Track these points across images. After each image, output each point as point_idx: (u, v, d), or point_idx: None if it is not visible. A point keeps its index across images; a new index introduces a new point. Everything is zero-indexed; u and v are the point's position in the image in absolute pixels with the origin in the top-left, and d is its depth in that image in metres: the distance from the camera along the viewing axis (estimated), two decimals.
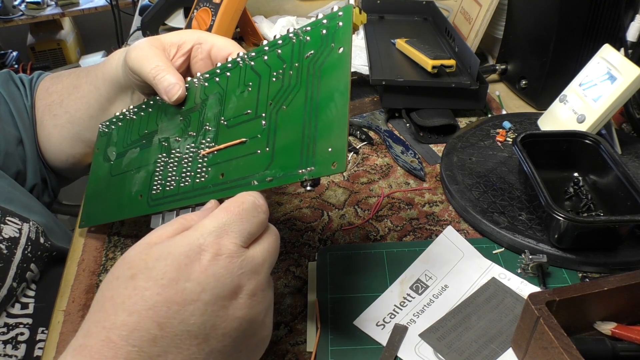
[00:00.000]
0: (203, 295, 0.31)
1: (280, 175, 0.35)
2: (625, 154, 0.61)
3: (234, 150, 0.39)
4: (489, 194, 0.55)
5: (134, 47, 0.48)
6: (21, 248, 0.51)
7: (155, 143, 0.47)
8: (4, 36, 2.61)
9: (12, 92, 0.62)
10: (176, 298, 0.30)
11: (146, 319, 0.30)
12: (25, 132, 0.61)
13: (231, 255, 0.32)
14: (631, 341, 0.39)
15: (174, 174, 0.43)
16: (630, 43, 0.64)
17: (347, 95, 0.32)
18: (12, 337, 0.49)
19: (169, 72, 0.45)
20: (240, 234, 0.33)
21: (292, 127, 0.35)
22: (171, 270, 0.31)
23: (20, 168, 0.61)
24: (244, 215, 0.33)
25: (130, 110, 0.52)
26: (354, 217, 0.56)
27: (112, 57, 0.55)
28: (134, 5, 2.23)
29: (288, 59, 0.37)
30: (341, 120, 0.32)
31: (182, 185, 0.42)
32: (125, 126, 0.52)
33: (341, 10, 0.34)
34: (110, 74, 0.54)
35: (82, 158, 0.63)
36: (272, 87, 0.37)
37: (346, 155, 0.32)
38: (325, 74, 0.34)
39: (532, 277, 0.47)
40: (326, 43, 0.35)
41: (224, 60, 0.46)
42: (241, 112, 0.39)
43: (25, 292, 0.52)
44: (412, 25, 0.92)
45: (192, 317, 0.31)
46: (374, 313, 0.44)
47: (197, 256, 0.31)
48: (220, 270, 0.31)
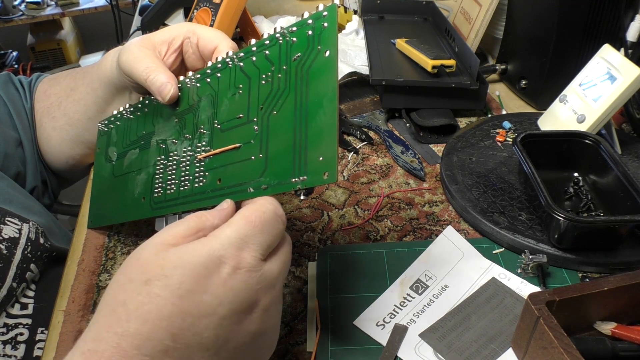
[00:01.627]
0: (220, 309, 0.31)
1: (275, 183, 0.35)
2: (625, 154, 0.61)
3: (229, 155, 0.38)
4: (489, 194, 0.55)
5: (125, 50, 0.48)
6: (21, 248, 0.51)
7: (153, 145, 0.47)
8: (4, 36, 2.60)
9: (12, 95, 0.62)
10: (192, 310, 0.30)
11: (160, 329, 0.29)
12: (24, 134, 0.61)
13: (250, 270, 0.31)
14: (631, 341, 0.39)
15: (173, 177, 0.43)
16: (630, 43, 0.64)
17: (336, 102, 0.32)
18: (11, 337, 0.49)
19: (160, 71, 0.45)
20: (261, 247, 0.32)
21: (283, 134, 0.35)
22: (189, 281, 0.30)
23: (20, 170, 0.61)
24: (265, 227, 0.32)
25: (127, 109, 0.52)
26: (354, 217, 0.56)
27: (106, 58, 0.54)
28: (134, 5, 2.23)
29: (276, 61, 0.37)
30: (330, 129, 0.32)
31: (182, 189, 0.42)
32: (124, 126, 0.52)
33: (326, 10, 0.34)
34: (105, 76, 0.54)
35: (82, 159, 0.63)
36: (262, 91, 0.37)
37: (337, 165, 0.31)
38: (313, 78, 0.34)
39: (532, 277, 0.47)
40: (312, 45, 0.34)
41: (212, 52, 0.46)
42: (234, 116, 0.39)
43: (25, 293, 0.52)
44: (412, 25, 0.92)
45: (206, 331, 0.30)
46: (374, 313, 0.44)
47: (216, 268, 0.31)
48: (239, 284, 0.31)
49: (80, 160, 0.64)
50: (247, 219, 0.32)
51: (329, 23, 0.33)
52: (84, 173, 0.67)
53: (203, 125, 0.41)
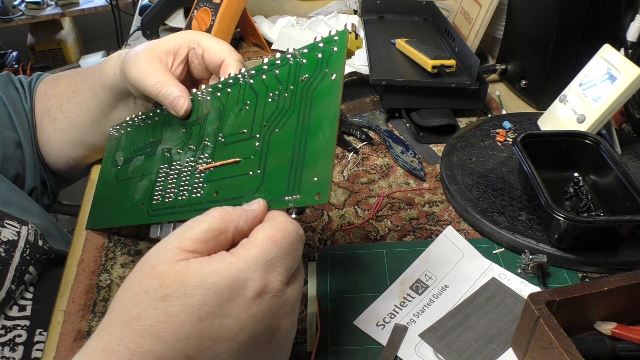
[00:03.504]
0: (240, 335, 0.29)
1: (269, 200, 0.35)
2: (625, 154, 0.61)
3: (228, 169, 0.39)
4: (489, 194, 0.55)
5: (132, 63, 0.47)
6: (19, 251, 0.51)
7: (158, 153, 0.47)
8: (4, 36, 2.60)
9: (12, 95, 0.62)
10: (211, 334, 0.29)
11: (175, 349, 0.28)
12: (24, 135, 0.61)
13: (275, 295, 0.30)
14: (631, 341, 0.39)
15: (173, 186, 0.44)
16: (630, 43, 0.64)
17: (336, 125, 0.32)
18: (9, 339, 0.49)
19: (172, 85, 0.44)
20: (286, 270, 0.31)
21: (282, 152, 0.35)
22: (211, 303, 0.29)
23: (19, 171, 0.61)
24: (290, 249, 0.31)
25: (139, 117, 0.52)
26: (354, 217, 0.56)
27: (108, 63, 0.54)
28: (134, 5, 2.23)
29: (284, 80, 0.37)
30: (328, 150, 0.32)
31: (179, 199, 0.42)
32: (133, 132, 0.53)
33: (337, 35, 0.35)
34: (108, 82, 0.54)
35: (83, 160, 0.63)
36: (268, 108, 0.38)
37: (330, 187, 0.32)
38: (317, 99, 0.34)
39: (532, 277, 0.47)
40: (320, 67, 0.35)
41: (218, 65, 0.46)
42: (238, 131, 0.39)
43: (23, 295, 0.52)
44: (412, 25, 0.92)
45: (223, 354, 0.29)
46: (374, 313, 0.44)
47: (240, 291, 0.29)
48: (263, 310, 0.30)
49: (80, 162, 0.63)
50: (273, 239, 0.31)
51: (338, 47, 0.34)
52: (83, 173, 0.67)
53: (208, 137, 0.42)
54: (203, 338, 0.29)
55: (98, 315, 0.47)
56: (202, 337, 0.29)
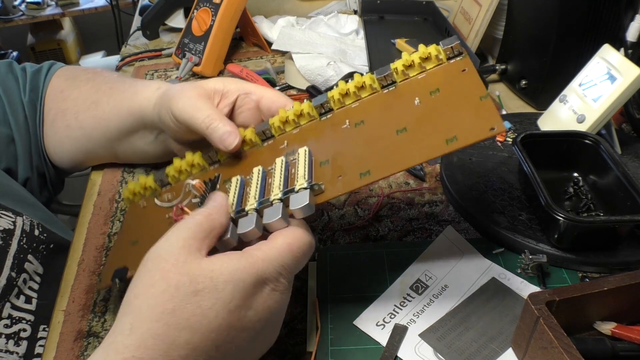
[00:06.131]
0: (257, 325, 0.34)
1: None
2: (625, 154, 0.61)
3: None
4: (489, 194, 0.55)
5: (181, 97, 0.47)
6: (16, 239, 0.51)
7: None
8: (4, 36, 2.61)
9: (9, 87, 0.60)
10: (237, 324, 0.33)
11: (207, 340, 0.32)
12: (17, 130, 0.59)
13: (283, 292, 0.36)
14: (631, 341, 0.39)
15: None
16: (630, 43, 0.64)
17: None
18: (14, 332, 0.49)
19: (223, 121, 0.45)
20: (293, 274, 0.37)
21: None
22: (240, 297, 0.33)
23: (11, 166, 0.60)
24: (301, 259, 0.36)
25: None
26: (354, 217, 0.56)
27: (142, 94, 0.53)
28: (134, 5, 2.24)
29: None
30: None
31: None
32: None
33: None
34: (139, 112, 0.53)
35: (90, 163, 0.63)
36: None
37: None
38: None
39: (532, 277, 0.47)
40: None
41: (276, 112, 0.45)
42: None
43: (29, 285, 0.52)
44: (412, 25, 0.92)
45: (244, 342, 0.34)
46: (374, 313, 0.44)
47: (260, 287, 0.34)
48: (274, 304, 0.35)
49: (87, 164, 0.63)
50: (290, 248, 0.36)
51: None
52: (86, 168, 0.67)
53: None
54: (230, 328, 0.33)
55: (98, 315, 0.47)
56: (230, 328, 0.33)
